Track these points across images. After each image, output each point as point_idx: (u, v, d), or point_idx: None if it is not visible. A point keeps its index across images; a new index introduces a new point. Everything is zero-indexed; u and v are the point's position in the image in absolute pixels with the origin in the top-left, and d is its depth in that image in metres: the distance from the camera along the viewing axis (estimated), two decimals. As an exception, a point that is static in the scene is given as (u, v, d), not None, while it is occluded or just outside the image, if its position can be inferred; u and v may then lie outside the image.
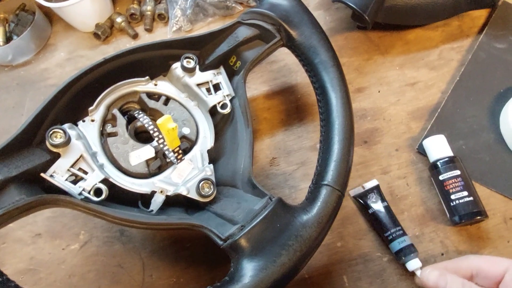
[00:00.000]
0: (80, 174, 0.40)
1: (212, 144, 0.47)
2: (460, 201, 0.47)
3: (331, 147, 0.41)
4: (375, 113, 0.56)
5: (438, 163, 0.49)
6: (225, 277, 0.34)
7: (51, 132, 0.39)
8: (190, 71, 0.48)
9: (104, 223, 0.50)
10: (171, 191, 0.42)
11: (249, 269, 0.34)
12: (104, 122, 0.45)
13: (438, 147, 0.50)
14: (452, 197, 0.47)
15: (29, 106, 0.62)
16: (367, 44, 0.62)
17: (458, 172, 0.48)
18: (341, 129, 0.42)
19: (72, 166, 0.40)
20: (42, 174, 0.38)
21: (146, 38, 0.66)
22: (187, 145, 0.46)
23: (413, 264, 0.45)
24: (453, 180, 0.47)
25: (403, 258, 0.45)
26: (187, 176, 0.44)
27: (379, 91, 0.58)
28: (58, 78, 0.64)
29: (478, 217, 0.46)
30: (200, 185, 0.42)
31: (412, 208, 0.49)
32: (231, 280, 0.33)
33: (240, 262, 0.34)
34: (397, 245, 0.46)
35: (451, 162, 0.48)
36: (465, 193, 0.47)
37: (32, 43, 0.67)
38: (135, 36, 0.66)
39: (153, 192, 0.42)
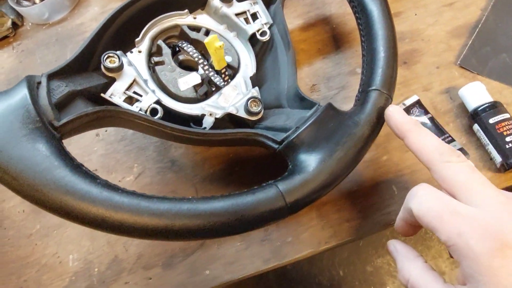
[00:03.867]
0: (136, 96, 0.42)
1: (254, 71, 0.48)
2: None
3: (376, 56, 0.42)
4: (412, 35, 0.55)
5: (483, 108, 0.47)
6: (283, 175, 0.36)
7: (105, 57, 0.40)
8: (227, 1, 0.49)
9: (155, 155, 0.52)
10: (219, 113, 0.44)
11: (309, 160, 0.35)
12: (150, 55, 0.46)
13: (479, 94, 0.48)
14: (507, 139, 0.45)
15: (71, 58, 0.64)
16: (401, -31, 0.60)
17: (507, 115, 0.46)
18: (385, 38, 0.42)
19: (127, 89, 0.42)
20: (102, 94, 0.40)
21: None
22: (230, 72, 0.47)
23: None
24: (505, 123, 0.46)
25: (454, 162, 0.45)
26: (233, 100, 0.45)
27: (415, 14, 0.57)
28: (95, 31, 0.66)
29: None
30: (248, 103, 0.43)
31: (458, 119, 0.49)
32: (292, 173, 0.34)
33: (299, 158, 0.36)
34: (447, 151, 0.46)
35: (496, 107, 0.47)
36: None
37: (67, 0, 0.69)
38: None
39: (203, 115, 0.44)
